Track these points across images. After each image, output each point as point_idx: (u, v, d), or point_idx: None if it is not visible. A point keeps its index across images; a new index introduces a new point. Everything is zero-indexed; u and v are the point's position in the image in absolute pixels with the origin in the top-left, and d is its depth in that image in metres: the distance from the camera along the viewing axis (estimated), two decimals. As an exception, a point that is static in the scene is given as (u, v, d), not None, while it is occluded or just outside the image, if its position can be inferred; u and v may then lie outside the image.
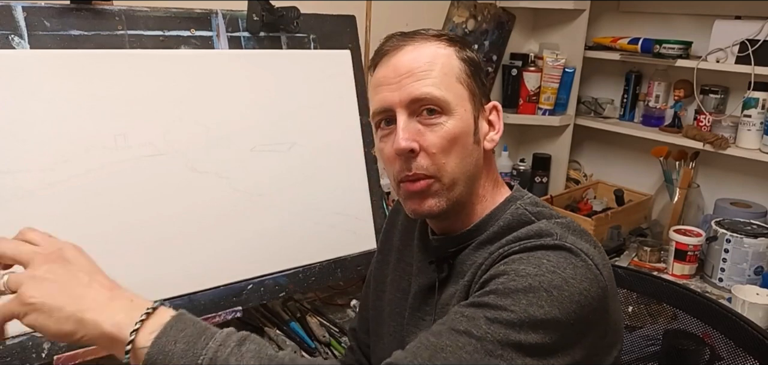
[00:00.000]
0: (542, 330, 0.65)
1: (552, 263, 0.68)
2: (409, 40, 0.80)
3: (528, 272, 0.68)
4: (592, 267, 0.70)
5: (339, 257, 1.49)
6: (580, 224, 0.79)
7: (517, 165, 2.42)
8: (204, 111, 1.31)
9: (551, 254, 0.70)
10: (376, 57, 0.83)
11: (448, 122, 0.77)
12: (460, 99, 0.79)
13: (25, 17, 1.14)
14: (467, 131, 0.79)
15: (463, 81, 0.79)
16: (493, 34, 2.26)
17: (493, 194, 0.84)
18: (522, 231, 0.76)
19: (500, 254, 0.74)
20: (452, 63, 0.79)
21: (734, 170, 2.04)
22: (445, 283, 0.84)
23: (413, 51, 0.79)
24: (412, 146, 0.76)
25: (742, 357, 0.93)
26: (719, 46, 1.92)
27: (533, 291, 0.66)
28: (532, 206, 0.81)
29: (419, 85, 0.77)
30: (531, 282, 0.67)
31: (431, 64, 0.78)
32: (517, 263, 0.70)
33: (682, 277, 1.80)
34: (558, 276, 0.67)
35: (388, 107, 0.79)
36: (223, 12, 1.39)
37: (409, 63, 0.78)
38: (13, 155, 1.10)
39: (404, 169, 0.78)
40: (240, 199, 1.34)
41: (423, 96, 0.77)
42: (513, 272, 0.69)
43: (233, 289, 1.33)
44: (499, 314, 0.66)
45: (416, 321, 0.87)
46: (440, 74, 0.78)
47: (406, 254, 0.94)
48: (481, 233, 0.81)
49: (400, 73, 0.78)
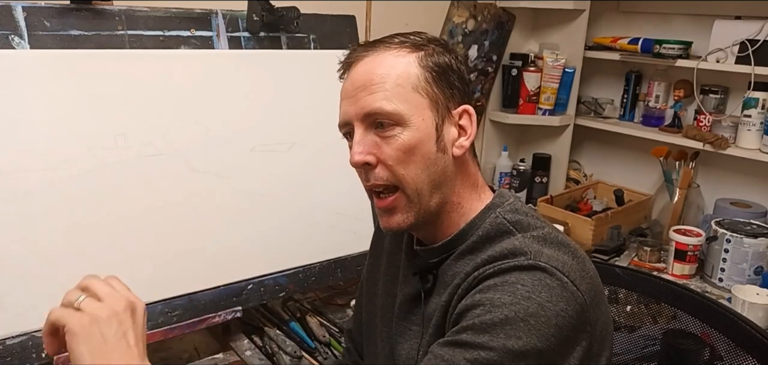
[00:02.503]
0: (522, 362, 0.65)
1: (527, 288, 0.68)
2: (369, 51, 0.80)
3: (503, 301, 0.67)
4: (568, 285, 0.69)
5: (339, 257, 1.49)
6: (560, 233, 0.78)
7: (517, 165, 2.42)
8: (204, 111, 1.31)
9: (525, 276, 0.69)
10: (341, 68, 0.83)
11: (403, 134, 0.76)
12: (415, 109, 0.77)
13: (25, 17, 1.14)
14: (426, 139, 0.77)
15: (421, 90, 0.78)
16: (493, 34, 2.26)
17: (471, 201, 0.83)
18: (496, 250, 0.75)
19: (475, 278, 0.73)
20: (410, 72, 0.78)
21: (734, 170, 2.03)
22: (430, 293, 0.83)
23: (370, 62, 0.79)
24: (367, 160, 0.77)
25: (741, 356, 0.93)
26: (719, 46, 1.92)
27: (510, 322, 0.66)
28: (512, 214, 0.79)
29: (371, 100, 0.77)
30: (507, 313, 0.66)
31: (385, 77, 0.77)
32: (492, 292, 0.69)
33: (682, 277, 1.80)
34: (533, 302, 0.67)
35: (347, 120, 0.80)
36: (223, 12, 1.39)
37: (363, 76, 0.78)
38: (13, 155, 1.10)
39: (365, 180, 0.80)
40: (240, 199, 1.34)
41: (373, 111, 0.77)
42: (488, 302, 0.68)
43: (233, 289, 1.33)
44: (477, 354, 0.66)
45: (403, 331, 0.87)
46: (393, 86, 0.77)
47: (395, 259, 0.93)
48: (462, 243, 0.80)
49: (355, 86, 0.79)
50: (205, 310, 1.28)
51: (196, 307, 1.27)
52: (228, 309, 1.31)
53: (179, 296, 1.25)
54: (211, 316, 1.29)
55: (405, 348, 0.85)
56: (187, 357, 1.34)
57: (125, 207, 1.20)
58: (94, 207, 1.17)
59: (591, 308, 0.71)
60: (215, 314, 1.30)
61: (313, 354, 1.37)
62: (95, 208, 1.17)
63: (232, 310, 1.32)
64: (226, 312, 1.31)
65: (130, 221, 1.21)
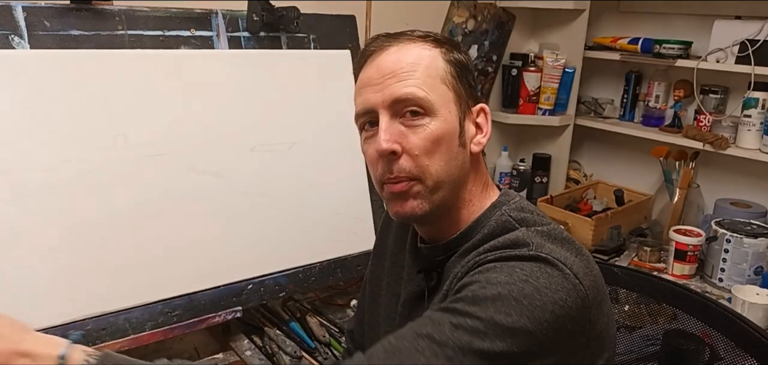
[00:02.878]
0: (509, 339, 0.64)
1: (525, 272, 0.67)
2: (393, 41, 0.79)
3: (499, 280, 0.67)
4: (570, 277, 0.68)
5: (339, 257, 1.49)
6: (565, 231, 0.78)
7: (517, 165, 2.42)
8: (204, 111, 1.31)
9: (525, 264, 0.69)
10: (361, 58, 0.82)
11: (431, 124, 0.76)
12: (444, 101, 0.77)
13: (25, 17, 1.14)
14: (452, 133, 0.78)
15: (448, 83, 0.78)
16: (493, 34, 2.26)
17: (480, 199, 0.83)
18: (499, 240, 0.75)
19: (476, 262, 0.73)
20: (437, 64, 0.78)
21: (734, 170, 2.03)
22: (434, 292, 0.83)
23: (397, 52, 0.78)
24: (394, 148, 0.76)
25: (741, 356, 0.93)
26: (719, 46, 1.92)
27: (502, 299, 0.65)
28: (517, 212, 0.79)
29: (402, 86, 0.76)
30: (500, 291, 0.66)
31: (415, 66, 0.77)
32: (490, 272, 0.69)
33: (682, 277, 1.80)
34: (530, 285, 0.66)
35: (371, 108, 0.78)
36: (223, 12, 1.39)
37: (392, 64, 0.77)
38: (13, 155, 1.10)
39: (386, 171, 0.77)
40: (240, 199, 1.34)
41: (405, 97, 0.76)
42: (484, 280, 0.68)
43: (233, 289, 1.33)
44: (464, 320, 0.65)
45: None
46: (424, 75, 0.76)
47: (399, 259, 0.93)
48: (467, 241, 0.80)
49: (383, 74, 0.77)
50: (205, 310, 1.28)
51: (196, 307, 1.27)
52: (228, 309, 1.31)
53: (179, 296, 1.25)
54: (211, 316, 1.29)
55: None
56: (187, 357, 1.34)
57: (125, 207, 1.20)
58: (93, 207, 1.17)
59: (593, 305, 0.71)
60: (215, 314, 1.30)
61: (313, 354, 1.37)
62: (95, 208, 1.17)
63: (232, 310, 1.32)
64: (226, 312, 1.31)
65: (129, 222, 1.21)
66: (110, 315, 1.17)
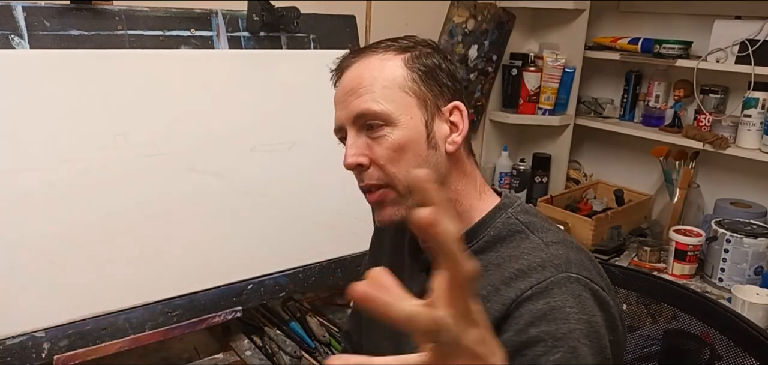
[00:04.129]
0: None
1: (575, 310, 0.70)
2: (357, 57, 0.83)
3: (562, 332, 0.68)
4: (598, 292, 0.72)
5: (339, 257, 1.49)
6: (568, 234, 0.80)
7: (517, 165, 2.42)
8: (204, 111, 1.31)
9: (566, 294, 0.71)
10: (332, 77, 0.87)
11: (392, 133, 0.79)
12: (403, 108, 0.79)
13: (25, 17, 1.14)
14: (416, 138, 0.79)
15: (408, 90, 0.80)
16: (493, 34, 2.26)
17: (471, 198, 0.84)
18: (524, 262, 0.75)
19: (514, 302, 0.72)
20: (396, 74, 0.80)
21: (734, 170, 2.03)
22: None
23: (358, 68, 0.82)
24: (359, 161, 0.80)
25: (741, 356, 0.93)
26: (719, 46, 1.92)
27: (573, 352, 0.67)
28: (523, 215, 0.81)
29: (359, 103, 0.79)
30: (571, 345, 0.68)
31: (372, 79, 0.80)
32: (546, 324, 0.69)
33: (682, 277, 1.80)
34: (584, 322, 0.69)
35: (340, 125, 0.83)
36: (223, 12, 1.39)
37: (352, 81, 0.81)
38: (13, 155, 1.10)
39: (359, 180, 0.82)
40: (240, 199, 1.34)
41: (362, 112, 0.79)
42: (548, 337, 0.68)
43: (233, 289, 1.33)
44: None
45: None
46: (380, 88, 0.79)
47: (398, 259, 0.93)
48: (472, 242, 0.81)
49: (346, 91, 0.82)
50: (205, 310, 1.28)
51: (196, 307, 1.27)
52: (228, 309, 1.31)
53: (179, 296, 1.25)
54: (211, 316, 1.29)
55: (411, 347, 0.85)
56: (187, 357, 1.34)
57: (125, 207, 1.20)
58: (93, 207, 1.17)
59: (614, 305, 0.75)
60: (215, 314, 1.30)
61: (313, 354, 1.37)
62: (95, 208, 1.17)
63: (232, 310, 1.32)
64: (226, 312, 1.31)
65: (129, 222, 1.21)
66: (110, 315, 1.17)
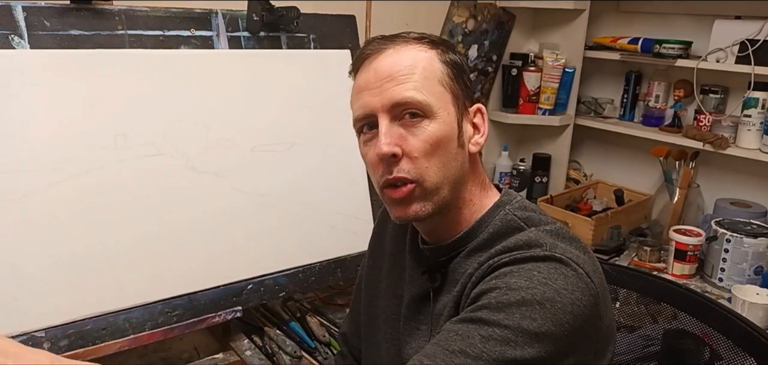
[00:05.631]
0: (538, 344, 0.65)
1: (543, 275, 0.68)
2: (389, 44, 0.79)
3: (520, 285, 0.68)
4: (583, 276, 0.70)
5: (339, 257, 1.49)
6: (569, 230, 0.79)
7: (517, 165, 2.42)
8: (204, 111, 1.31)
9: (542, 265, 0.69)
10: (357, 62, 0.82)
11: (430, 126, 0.76)
12: (442, 102, 0.77)
13: (25, 17, 1.14)
14: (450, 134, 0.78)
15: (445, 84, 0.78)
16: (493, 34, 2.26)
17: (480, 198, 0.83)
18: (511, 241, 0.75)
19: (490, 266, 0.73)
20: (434, 66, 0.78)
21: (734, 170, 2.03)
22: (438, 292, 0.83)
23: (394, 54, 0.78)
24: (395, 151, 0.75)
25: (741, 357, 0.93)
26: (719, 46, 1.92)
27: (526, 304, 0.66)
28: (521, 211, 0.80)
29: (401, 90, 0.76)
30: (523, 295, 0.67)
31: (412, 68, 0.77)
32: (508, 277, 0.69)
33: (682, 277, 1.80)
34: (550, 288, 0.67)
35: (370, 111, 0.78)
36: (223, 12, 1.39)
37: (390, 67, 0.77)
38: (13, 155, 1.10)
39: (386, 173, 0.77)
40: (240, 199, 1.34)
41: (405, 100, 0.76)
42: (505, 286, 0.69)
43: (233, 289, 1.33)
44: (493, 330, 0.66)
45: (411, 330, 0.86)
46: (422, 77, 0.76)
47: (399, 260, 0.93)
48: (472, 241, 0.80)
49: (381, 77, 0.77)
50: (205, 310, 1.28)
51: (196, 307, 1.27)
52: (228, 309, 1.31)
53: (179, 296, 1.25)
54: (211, 316, 1.29)
55: (413, 348, 0.85)
56: (187, 357, 1.34)
57: (125, 207, 1.20)
58: (93, 207, 1.17)
59: (601, 302, 0.72)
60: (215, 314, 1.30)
61: (313, 354, 1.37)
62: (95, 208, 1.17)
63: (232, 310, 1.32)
64: (226, 312, 1.31)
65: (129, 221, 1.21)
66: (110, 314, 1.17)
